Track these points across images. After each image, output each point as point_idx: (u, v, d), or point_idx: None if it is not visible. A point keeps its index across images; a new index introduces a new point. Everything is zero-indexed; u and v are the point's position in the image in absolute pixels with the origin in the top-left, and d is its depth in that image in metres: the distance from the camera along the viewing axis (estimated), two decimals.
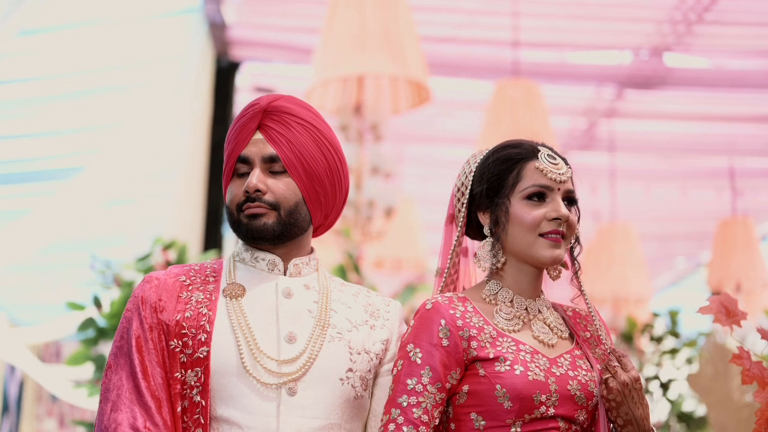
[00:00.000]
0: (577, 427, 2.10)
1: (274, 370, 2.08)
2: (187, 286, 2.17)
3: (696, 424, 5.54)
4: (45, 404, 9.63)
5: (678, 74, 7.42)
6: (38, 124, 5.57)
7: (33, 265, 6.54)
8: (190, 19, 6.65)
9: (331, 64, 4.78)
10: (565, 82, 7.69)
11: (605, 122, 8.27)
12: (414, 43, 4.88)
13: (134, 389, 2.04)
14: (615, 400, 2.08)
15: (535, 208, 2.15)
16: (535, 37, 6.76)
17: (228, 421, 2.05)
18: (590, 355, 2.17)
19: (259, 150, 2.18)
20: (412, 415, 2.04)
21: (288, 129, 2.20)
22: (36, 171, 5.86)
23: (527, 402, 2.05)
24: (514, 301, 2.18)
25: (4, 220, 5.86)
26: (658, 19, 6.68)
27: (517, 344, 2.11)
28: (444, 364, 2.08)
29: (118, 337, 2.13)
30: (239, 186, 2.18)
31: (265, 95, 2.27)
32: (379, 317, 2.26)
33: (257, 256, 2.22)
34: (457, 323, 2.11)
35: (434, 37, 6.68)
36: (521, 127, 5.98)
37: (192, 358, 2.07)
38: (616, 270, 8.11)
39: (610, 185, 8.71)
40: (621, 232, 8.35)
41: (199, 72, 6.83)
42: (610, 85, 7.70)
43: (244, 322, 2.11)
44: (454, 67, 7.17)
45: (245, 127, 2.19)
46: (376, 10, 4.76)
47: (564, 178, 2.17)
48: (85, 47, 5.69)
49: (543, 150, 2.21)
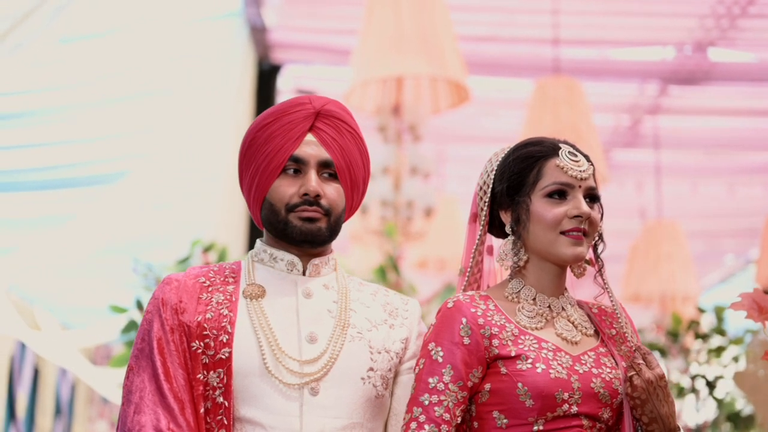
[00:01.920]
0: (601, 425, 2.09)
1: (296, 371, 2.08)
2: (206, 288, 2.17)
3: (743, 423, 5.45)
4: (96, 406, 9.76)
5: (722, 69, 7.35)
6: (82, 130, 5.64)
7: (81, 268, 6.62)
8: (231, 23, 6.71)
9: (369, 65, 4.80)
10: (608, 78, 7.65)
11: (649, 119, 8.19)
12: (452, 43, 4.88)
13: (157, 391, 2.04)
14: (640, 398, 2.06)
15: (555, 206, 2.14)
16: (576, 35, 6.72)
17: (251, 422, 2.05)
18: (615, 353, 2.15)
19: (315, 153, 2.18)
20: (433, 413, 2.04)
21: (340, 135, 2.21)
22: (81, 176, 5.92)
23: (549, 400, 2.04)
24: (537, 299, 2.17)
25: (51, 224, 5.94)
26: (701, 14, 6.62)
27: (540, 342, 2.10)
28: (465, 363, 2.07)
29: (139, 339, 2.12)
30: (290, 185, 2.16)
31: (312, 96, 2.25)
32: (398, 316, 2.25)
33: (276, 257, 2.21)
34: (479, 321, 2.10)
35: (474, 37, 6.68)
36: (563, 124, 5.95)
37: (214, 360, 2.07)
38: (663, 268, 8.02)
39: (656, 182, 8.63)
40: (667, 229, 8.26)
41: (241, 75, 6.88)
42: (653, 82, 7.63)
43: (265, 322, 2.11)
44: (494, 66, 7.16)
45: (296, 126, 2.18)
46: (412, 11, 4.77)
47: (585, 176, 2.15)
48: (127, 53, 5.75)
49: (564, 147, 2.19)
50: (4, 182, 5.56)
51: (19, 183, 5.62)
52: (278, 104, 2.25)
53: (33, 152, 5.48)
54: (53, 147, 5.55)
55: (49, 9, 4.18)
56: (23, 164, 5.52)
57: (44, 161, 5.53)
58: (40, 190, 5.74)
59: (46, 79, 5.18)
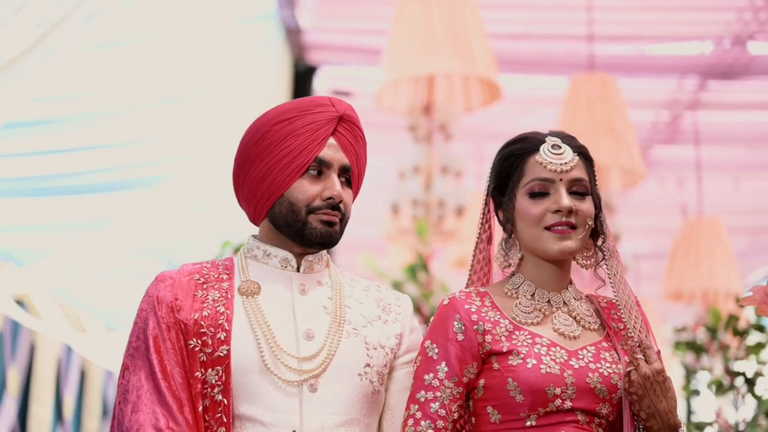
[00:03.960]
0: (601, 420, 2.08)
1: (295, 368, 2.09)
2: (201, 285, 2.17)
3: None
4: None
5: (762, 62, 7.26)
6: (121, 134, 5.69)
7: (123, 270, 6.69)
8: (266, 25, 6.75)
9: (399, 65, 4.82)
10: (645, 74, 7.58)
11: (689, 114, 8.11)
12: (482, 41, 4.88)
13: (154, 389, 2.04)
14: (636, 393, 2.05)
15: (537, 203, 2.15)
16: (611, 31, 6.68)
17: (251, 419, 2.06)
18: (618, 347, 2.14)
19: (338, 157, 2.19)
20: (429, 409, 2.07)
21: (357, 142, 2.24)
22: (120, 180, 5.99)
23: (539, 395, 2.04)
24: (536, 294, 2.18)
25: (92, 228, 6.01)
26: (739, 7, 6.54)
27: (534, 337, 2.10)
28: (459, 359, 2.10)
29: (133, 337, 2.12)
30: (312, 186, 2.17)
31: (333, 99, 2.26)
32: (391, 312, 2.27)
33: (270, 253, 2.22)
34: (472, 318, 2.12)
35: (509, 35, 6.67)
36: (597, 121, 5.94)
37: (212, 357, 2.07)
38: (704, 265, 7.93)
39: (697, 178, 8.54)
40: (709, 226, 8.16)
41: (277, 77, 6.93)
42: (692, 77, 7.55)
43: (263, 319, 2.12)
44: (528, 63, 7.14)
45: (322, 127, 2.18)
46: (441, 10, 4.77)
47: (567, 168, 2.15)
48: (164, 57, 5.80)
49: (549, 140, 2.20)
50: (45, 187, 5.65)
51: (59, 188, 5.70)
52: (295, 101, 2.24)
53: (73, 157, 5.55)
54: (93, 151, 5.62)
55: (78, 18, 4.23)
56: (63, 169, 5.59)
57: (84, 166, 5.60)
58: (81, 194, 5.82)
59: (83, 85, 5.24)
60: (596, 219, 2.20)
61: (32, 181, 5.60)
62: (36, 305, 5.30)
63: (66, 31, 4.25)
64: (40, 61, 4.25)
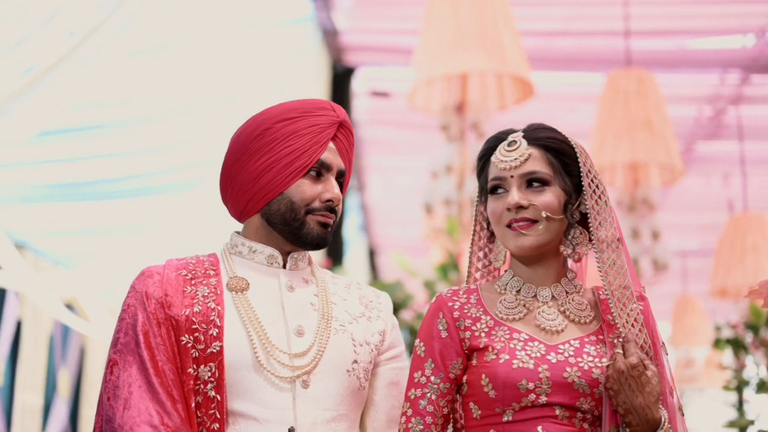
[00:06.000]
0: (585, 415, 2.06)
1: (287, 364, 2.10)
2: (189, 280, 2.16)
3: None
4: None
5: None
6: (156, 140, 5.76)
7: None
8: (303, 27, 6.78)
9: (430, 64, 4.82)
10: (686, 69, 7.49)
11: (732, 109, 8.00)
12: (513, 38, 4.86)
13: (147, 386, 2.02)
14: (612, 389, 2.02)
15: (497, 202, 2.17)
16: (650, 26, 6.62)
17: (244, 415, 2.06)
18: (608, 341, 2.11)
19: (337, 161, 2.23)
20: (418, 406, 2.11)
21: (351, 149, 2.29)
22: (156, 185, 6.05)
23: (511, 390, 2.04)
24: (522, 290, 2.17)
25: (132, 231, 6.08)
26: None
27: (512, 332, 2.11)
28: (443, 355, 2.13)
29: (121, 333, 2.10)
30: (312, 187, 2.19)
31: (332, 103, 2.29)
32: (373, 309, 2.29)
33: (255, 249, 2.23)
34: (454, 315, 2.15)
35: (544, 32, 6.63)
36: (634, 117, 5.89)
37: (205, 354, 2.07)
38: (749, 260, 7.82)
39: (741, 174, 8.42)
40: (754, 221, 8.04)
41: (316, 79, 6.96)
42: (734, 71, 7.45)
43: (254, 316, 2.13)
44: (565, 60, 7.09)
45: (324, 131, 2.21)
46: (470, 8, 4.76)
47: (516, 164, 2.14)
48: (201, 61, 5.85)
49: (509, 138, 2.19)
50: (84, 192, 5.73)
51: (97, 192, 5.78)
52: (295, 101, 2.26)
53: (109, 162, 5.62)
54: (129, 157, 5.69)
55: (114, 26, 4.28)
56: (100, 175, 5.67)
57: (120, 171, 5.67)
58: (118, 199, 5.89)
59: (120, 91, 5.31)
60: (567, 207, 2.15)
61: (76, 186, 5.69)
62: (85, 308, 5.37)
63: (101, 38, 4.30)
64: (77, 68, 4.31)
